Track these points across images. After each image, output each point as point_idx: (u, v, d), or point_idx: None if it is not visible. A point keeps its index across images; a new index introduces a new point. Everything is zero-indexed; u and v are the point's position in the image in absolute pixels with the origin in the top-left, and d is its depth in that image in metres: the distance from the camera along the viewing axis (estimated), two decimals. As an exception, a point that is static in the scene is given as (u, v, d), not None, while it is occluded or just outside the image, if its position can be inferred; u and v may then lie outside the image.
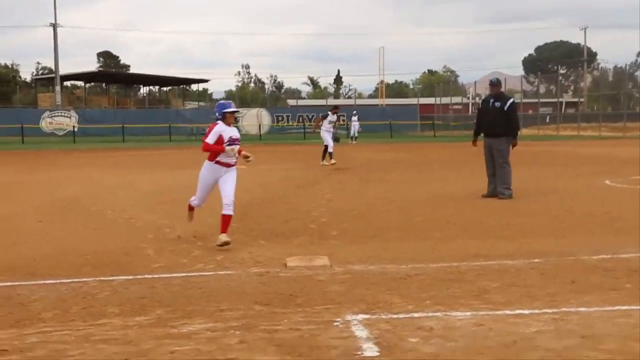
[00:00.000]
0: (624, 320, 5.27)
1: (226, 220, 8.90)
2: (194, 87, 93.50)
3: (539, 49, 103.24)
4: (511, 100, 14.00)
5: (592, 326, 5.15)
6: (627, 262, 7.50)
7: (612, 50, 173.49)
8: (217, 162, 9.08)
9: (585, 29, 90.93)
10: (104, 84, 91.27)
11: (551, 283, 6.61)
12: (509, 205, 12.54)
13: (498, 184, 13.56)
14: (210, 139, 9.00)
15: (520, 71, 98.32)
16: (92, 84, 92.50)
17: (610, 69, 79.75)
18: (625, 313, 5.48)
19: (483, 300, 6.01)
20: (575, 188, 15.08)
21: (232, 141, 9.04)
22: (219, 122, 9.12)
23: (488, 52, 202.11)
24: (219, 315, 5.67)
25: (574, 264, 7.46)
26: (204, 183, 9.32)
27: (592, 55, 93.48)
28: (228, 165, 9.13)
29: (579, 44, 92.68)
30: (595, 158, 25.67)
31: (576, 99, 77.93)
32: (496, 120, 13.67)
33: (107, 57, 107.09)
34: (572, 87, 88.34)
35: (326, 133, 23.85)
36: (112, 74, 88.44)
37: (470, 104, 73.41)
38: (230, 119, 9.24)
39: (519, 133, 14.38)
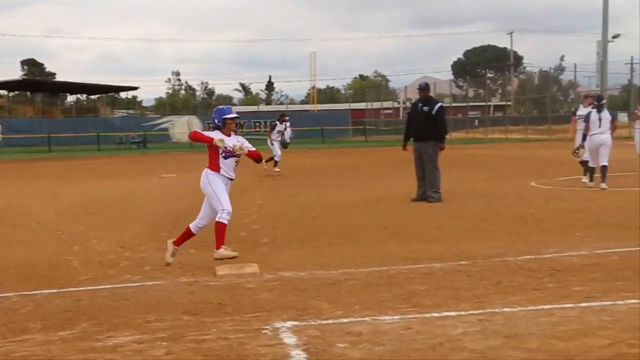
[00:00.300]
0: (546, 319, 5.38)
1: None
2: (123, 94, 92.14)
3: (467, 54, 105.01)
4: (439, 105, 14.16)
5: (516, 326, 5.24)
6: (550, 262, 7.67)
7: (537, 55, 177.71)
8: (222, 175, 8.20)
9: (511, 33, 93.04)
10: (28, 93, 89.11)
11: (477, 285, 6.71)
12: (438, 208, 12.70)
13: (427, 187, 13.72)
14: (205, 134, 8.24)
15: (449, 75, 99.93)
16: (16, 92, 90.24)
17: (535, 73, 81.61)
18: (548, 312, 5.60)
19: (411, 304, 6.06)
20: (503, 190, 15.37)
21: (227, 153, 8.11)
22: (216, 130, 8.25)
23: (418, 56, 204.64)
24: (146, 327, 5.58)
25: (500, 265, 7.60)
26: (220, 183, 8.18)
27: (519, 59, 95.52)
28: (231, 179, 8.37)
29: (505, 48, 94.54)
30: (522, 160, 26.24)
31: (504, 103, 79.51)
32: (424, 125, 13.83)
33: (31, 64, 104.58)
34: (499, 91, 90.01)
35: (275, 143, 23.91)
36: (37, 82, 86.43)
37: (401, 109, 74.29)
38: (231, 126, 8.25)
39: (447, 137, 14.57)
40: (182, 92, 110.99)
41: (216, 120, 8.25)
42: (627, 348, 4.66)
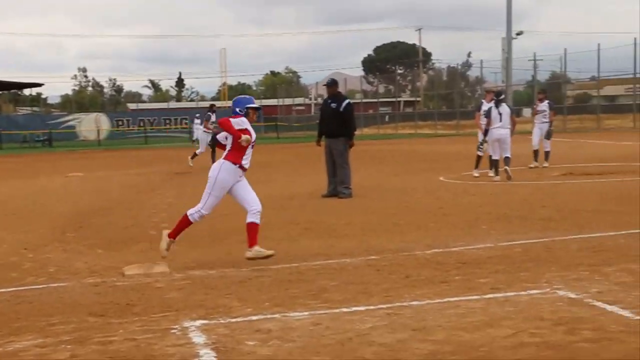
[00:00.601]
0: (452, 311, 5.49)
1: (256, 229, 8.02)
2: (27, 91, 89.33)
3: (377, 50, 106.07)
4: (346, 102, 14.20)
5: (424, 318, 5.33)
6: (457, 255, 7.83)
7: (445, 51, 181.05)
8: (241, 167, 7.90)
9: (420, 30, 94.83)
10: None
11: (387, 279, 6.80)
12: (348, 204, 12.80)
13: (338, 183, 13.81)
14: (235, 123, 7.73)
15: (360, 71, 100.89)
16: None
17: (444, 69, 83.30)
18: (454, 304, 5.71)
19: (321, 300, 6.08)
20: (412, 185, 15.60)
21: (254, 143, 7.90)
22: (241, 118, 7.84)
23: (329, 52, 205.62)
24: (50, 330, 5.42)
25: (409, 259, 7.71)
26: (224, 187, 8.00)
27: (427, 56, 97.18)
28: (245, 170, 8.06)
29: (414, 45, 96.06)
30: (431, 155, 26.70)
31: (413, 99, 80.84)
32: (333, 121, 13.91)
33: None
34: (409, 87, 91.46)
35: (205, 135, 23.37)
36: None
37: (312, 105, 74.58)
38: (253, 116, 7.97)
39: (358, 133, 14.70)
40: (90, 88, 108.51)
41: (238, 109, 7.91)
42: (529, 337, 4.79)
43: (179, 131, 59.99)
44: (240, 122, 7.76)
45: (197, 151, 23.20)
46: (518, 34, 49.50)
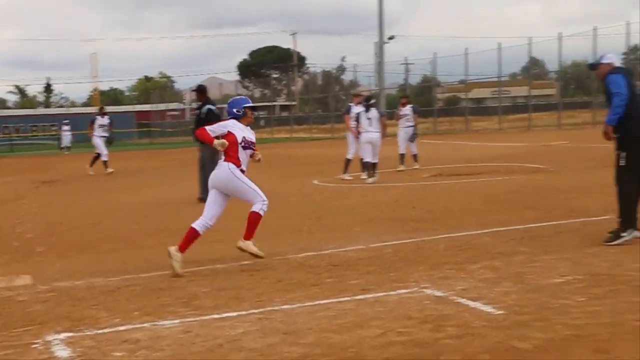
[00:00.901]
0: (323, 314, 5.53)
1: (258, 222, 7.90)
2: None
3: (252, 54, 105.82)
4: (206, 107, 14.07)
5: (294, 322, 5.34)
6: (329, 257, 7.91)
7: (320, 55, 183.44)
8: (242, 170, 7.90)
9: (294, 34, 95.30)
10: None
11: (259, 284, 6.78)
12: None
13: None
14: (213, 129, 7.78)
15: (236, 76, 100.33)
16: None
17: (319, 73, 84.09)
18: (325, 307, 5.75)
19: (192, 307, 6.00)
20: (287, 190, 15.66)
21: (247, 143, 7.85)
22: (233, 120, 7.90)
23: (204, 57, 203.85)
24: None
25: (282, 263, 7.73)
26: (250, 180, 7.98)
27: (302, 60, 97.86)
28: (244, 172, 8.00)
29: (289, 49, 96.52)
30: (306, 159, 26.90)
31: (289, 103, 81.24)
32: (199, 127, 13.78)
33: None
34: (285, 91, 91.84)
35: (98, 139, 22.43)
36: None
37: (187, 110, 73.66)
38: (250, 116, 8.00)
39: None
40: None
41: (235, 110, 7.92)
42: (397, 336, 4.89)
43: (48, 138, 57.88)
44: (224, 126, 7.79)
45: (103, 158, 22.29)
46: (390, 39, 50.56)
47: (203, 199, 13.40)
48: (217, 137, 7.72)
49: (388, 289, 6.27)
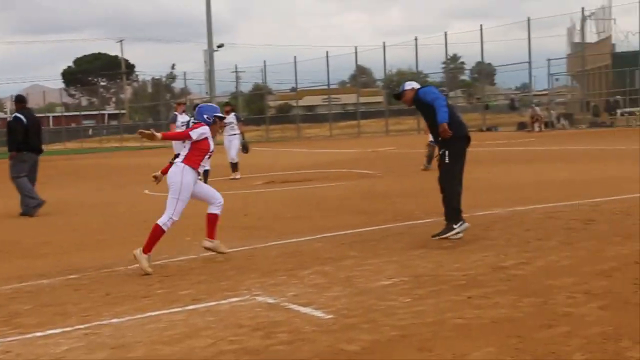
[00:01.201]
0: (153, 326, 5.42)
1: (217, 221, 8.22)
2: None
3: (78, 61, 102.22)
4: (14, 116, 13.64)
5: (123, 336, 5.20)
6: (160, 268, 7.75)
7: (149, 63, 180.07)
8: (197, 172, 7.95)
9: (121, 41, 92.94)
10: None
11: (86, 298, 6.55)
12: (49, 222, 12.19)
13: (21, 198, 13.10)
14: (194, 134, 7.74)
15: (60, 84, 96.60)
16: None
17: (148, 81, 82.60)
18: (156, 318, 5.64)
19: (13, 325, 5.71)
20: (117, 199, 15.28)
21: (211, 153, 8.04)
22: (203, 126, 7.85)
23: (27, 64, 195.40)
24: None
25: (110, 276, 7.52)
26: (189, 189, 7.91)
27: (131, 68, 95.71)
28: (199, 174, 8.14)
29: (117, 57, 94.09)
30: (137, 168, 26.35)
31: (118, 111, 79.20)
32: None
33: None
34: (114, 99, 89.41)
35: None
36: None
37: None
38: (220, 126, 8.23)
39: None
40: None
41: (205, 116, 7.94)
42: (228, 345, 4.87)
43: None
44: (203, 133, 7.80)
45: None
46: (219, 47, 50.41)
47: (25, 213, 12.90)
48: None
49: (220, 297, 6.24)
